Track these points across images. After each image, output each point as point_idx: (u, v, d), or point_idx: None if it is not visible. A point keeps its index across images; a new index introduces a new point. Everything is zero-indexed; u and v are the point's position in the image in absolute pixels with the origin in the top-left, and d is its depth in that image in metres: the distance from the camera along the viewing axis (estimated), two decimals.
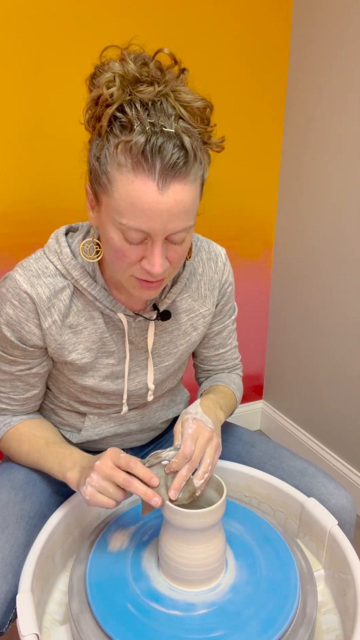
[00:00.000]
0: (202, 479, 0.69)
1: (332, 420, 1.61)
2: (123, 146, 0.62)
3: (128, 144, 0.61)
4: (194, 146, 0.63)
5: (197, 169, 0.65)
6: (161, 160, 0.61)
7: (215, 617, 0.63)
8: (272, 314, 1.82)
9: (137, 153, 0.61)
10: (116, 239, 0.67)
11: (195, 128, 0.64)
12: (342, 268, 1.46)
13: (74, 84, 1.24)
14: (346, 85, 1.35)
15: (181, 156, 0.62)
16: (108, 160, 0.64)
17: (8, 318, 0.77)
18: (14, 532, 0.74)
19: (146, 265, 0.68)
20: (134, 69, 0.62)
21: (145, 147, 0.61)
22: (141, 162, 0.61)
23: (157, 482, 0.67)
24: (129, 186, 0.62)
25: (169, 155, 0.61)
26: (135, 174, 0.62)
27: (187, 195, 0.64)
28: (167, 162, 0.61)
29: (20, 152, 1.25)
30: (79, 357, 0.81)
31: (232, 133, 1.52)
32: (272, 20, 1.46)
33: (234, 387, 0.96)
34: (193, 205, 0.67)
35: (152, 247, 0.67)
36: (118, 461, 0.68)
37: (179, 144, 0.62)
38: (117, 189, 0.64)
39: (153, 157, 0.61)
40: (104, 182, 0.65)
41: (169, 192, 0.63)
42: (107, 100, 0.63)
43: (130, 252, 0.68)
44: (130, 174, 0.62)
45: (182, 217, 0.65)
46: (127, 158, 0.62)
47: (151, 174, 0.62)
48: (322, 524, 0.76)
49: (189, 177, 0.64)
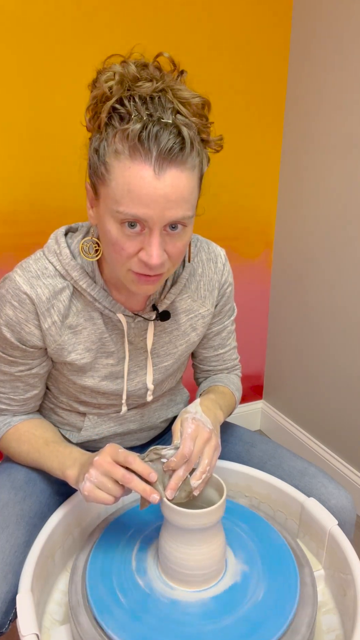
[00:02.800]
0: (200, 479, 0.69)
1: (332, 420, 1.61)
2: (120, 134, 0.63)
3: (125, 132, 0.62)
4: (191, 136, 0.64)
5: (194, 158, 0.65)
6: (157, 146, 0.61)
7: (215, 616, 0.63)
8: (272, 314, 1.82)
9: (133, 139, 0.61)
10: (114, 231, 0.67)
11: (192, 122, 0.64)
12: (342, 268, 1.46)
13: (74, 85, 1.25)
14: (346, 85, 1.35)
15: (177, 142, 0.62)
16: (106, 150, 0.64)
17: (8, 319, 0.77)
18: (14, 532, 0.74)
19: (144, 257, 0.68)
20: (134, 70, 0.64)
21: (141, 133, 0.61)
22: (138, 147, 0.62)
23: (155, 477, 0.67)
24: (126, 172, 0.63)
25: (165, 140, 0.61)
26: (132, 160, 0.62)
27: (184, 182, 0.64)
28: (163, 146, 0.61)
29: (20, 152, 1.25)
30: (79, 358, 0.81)
31: (232, 133, 1.52)
32: (272, 20, 1.46)
33: (233, 387, 0.96)
34: (191, 194, 0.66)
35: (149, 238, 0.66)
36: (117, 457, 0.68)
37: (175, 132, 0.62)
38: (115, 177, 0.64)
39: (149, 143, 0.61)
40: (102, 173, 0.66)
41: (166, 177, 0.63)
42: (106, 94, 0.64)
43: (128, 244, 0.67)
44: (127, 160, 0.63)
45: (180, 204, 0.65)
46: (124, 145, 0.62)
47: (148, 159, 0.62)
48: (322, 524, 0.76)
49: (186, 164, 0.64)
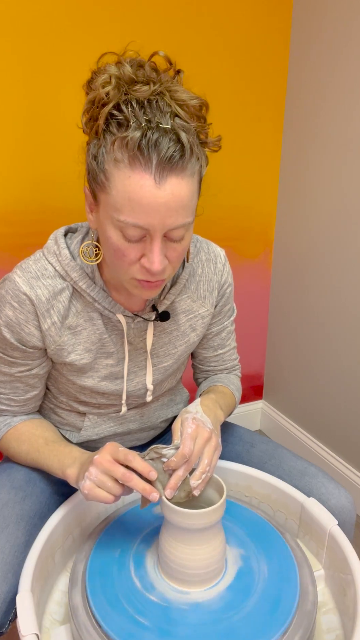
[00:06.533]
0: (200, 479, 0.69)
1: (332, 420, 1.61)
2: (119, 142, 0.62)
3: (124, 140, 0.61)
4: (190, 141, 0.63)
5: (193, 164, 0.65)
6: (157, 154, 0.61)
7: (215, 616, 0.63)
8: (272, 314, 1.82)
9: (133, 147, 0.61)
10: (115, 238, 0.67)
11: (191, 125, 0.64)
12: (342, 268, 1.46)
13: (74, 85, 1.24)
14: (346, 85, 1.35)
15: (177, 150, 0.62)
16: (105, 158, 0.64)
17: (8, 320, 0.77)
18: (13, 532, 0.74)
19: (146, 263, 0.68)
20: (130, 71, 0.63)
21: (141, 142, 0.61)
22: (137, 156, 0.61)
23: (155, 475, 0.67)
24: (126, 181, 0.62)
25: (165, 149, 0.61)
26: (132, 169, 0.62)
27: (184, 189, 0.64)
28: (163, 155, 0.61)
29: (20, 152, 1.25)
30: (78, 358, 0.81)
31: (232, 133, 1.52)
32: (272, 20, 1.46)
33: (233, 387, 0.96)
34: (191, 201, 0.66)
35: (151, 244, 0.66)
36: (117, 455, 0.68)
37: (174, 139, 0.62)
38: (115, 185, 0.64)
39: (149, 151, 0.61)
40: (101, 180, 0.65)
41: (166, 185, 0.62)
42: (103, 99, 0.63)
43: (129, 250, 0.67)
44: (127, 169, 0.62)
45: (180, 212, 0.65)
46: (123, 153, 0.62)
47: (148, 168, 0.61)
48: (322, 524, 0.76)
49: (186, 171, 0.64)
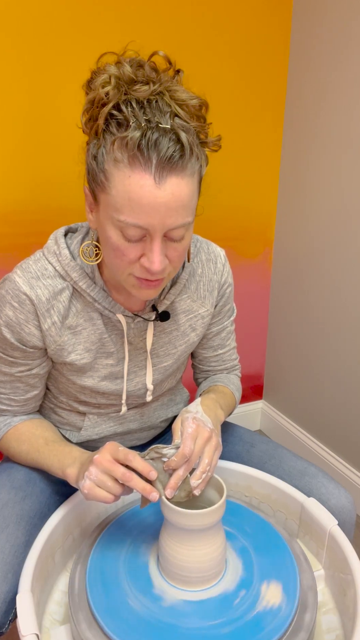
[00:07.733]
0: (200, 479, 0.69)
1: (332, 420, 1.61)
2: (119, 142, 0.62)
3: (124, 140, 0.61)
4: (190, 141, 0.63)
5: (193, 164, 0.65)
6: (157, 154, 0.61)
7: (215, 616, 0.63)
8: (272, 314, 1.82)
9: (132, 147, 0.61)
10: (115, 238, 0.67)
11: (191, 125, 0.64)
12: (342, 268, 1.46)
13: (74, 85, 1.24)
14: (346, 85, 1.35)
15: (177, 150, 0.62)
16: (105, 158, 0.64)
17: (8, 320, 0.77)
18: (13, 532, 0.74)
19: (145, 263, 0.68)
20: (130, 71, 0.63)
21: (141, 142, 0.61)
22: (137, 156, 0.61)
23: (155, 475, 0.67)
24: (126, 181, 0.62)
25: (164, 148, 0.61)
26: (132, 169, 0.62)
27: (184, 189, 0.64)
28: (163, 155, 0.61)
29: (20, 152, 1.25)
30: (79, 358, 0.81)
31: (232, 133, 1.52)
32: (272, 20, 1.46)
33: (233, 387, 0.96)
34: (191, 201, 0.66)
35: (151, 244, 0.66)
36: (117, 454, 0.68)
37: (174, 139, 0.62)
38: (114, 185, 0.64)
39: (149, 151, 0.61)
40: (101, 180, 0.65)
41: (166, 185, 0.62)
42: (103, 99, 0.63)
43: (129, 250, 0.67)
44: (126, 169, 0.62)
45: (180, 212, 0.65)
46: (123, 153, 0.62)
47: (147, 168, 0.61)
48: (322, 524, 0.76)
49: (186, 171, 0.64)
